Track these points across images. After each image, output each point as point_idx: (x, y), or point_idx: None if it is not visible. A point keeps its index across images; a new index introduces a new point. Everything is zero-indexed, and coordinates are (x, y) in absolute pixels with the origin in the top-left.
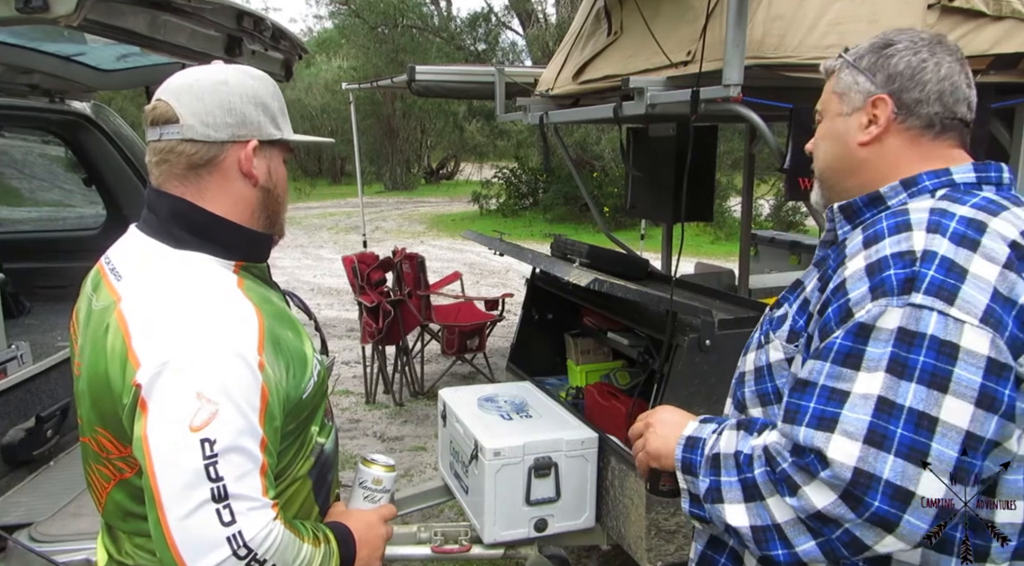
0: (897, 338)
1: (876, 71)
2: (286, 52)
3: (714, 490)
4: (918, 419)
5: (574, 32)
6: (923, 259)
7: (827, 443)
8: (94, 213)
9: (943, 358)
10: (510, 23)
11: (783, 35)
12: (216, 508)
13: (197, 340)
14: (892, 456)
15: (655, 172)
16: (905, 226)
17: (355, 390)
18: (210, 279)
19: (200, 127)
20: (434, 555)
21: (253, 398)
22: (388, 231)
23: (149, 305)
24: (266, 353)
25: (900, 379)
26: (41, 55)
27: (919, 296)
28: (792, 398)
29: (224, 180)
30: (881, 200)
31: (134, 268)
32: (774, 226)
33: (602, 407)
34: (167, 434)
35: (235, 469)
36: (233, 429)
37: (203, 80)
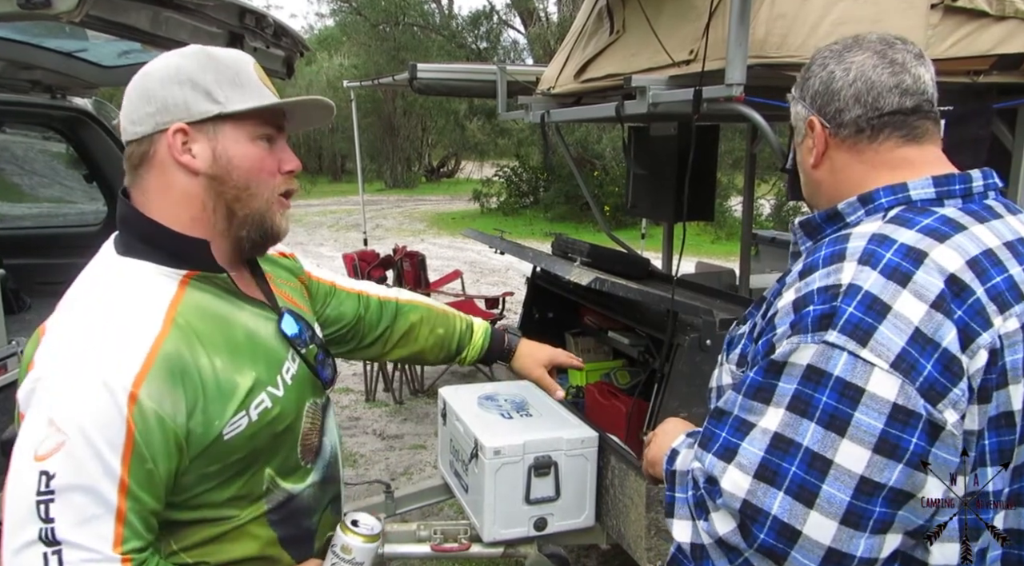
0: (804, 376)
1: (804, 96)
2: (288, 49)
3: (670, 505)
4: (812, 459)
5: (576, 31)
6: (846, 294)
7: (723, 473)
8: (94, 209)
9: (845, 401)
10: (512, 22)
11: (786, 35)
12: (44, 552)
13: (65, 362)
14: (781, 493)
15: (656, 171)
16: (839, 256)
17: (355, 388)
18: (126, 293)
19: (129, 126)
20: (433, 553)
21: (113, 435)
22: (389, 229)
23: (63, 316)
24: (149, 383)
25: (801, 417)
26: (43, 51)
27: (833, 334)
28: (709, 424)
29: (161, 176)
30: (839, 216)
31: (82, 275)
32: (775, 226)
33: (602, 406)
34: (17, 457)
35: (74, 512)
36: (78, 466)
37: (137, 75)
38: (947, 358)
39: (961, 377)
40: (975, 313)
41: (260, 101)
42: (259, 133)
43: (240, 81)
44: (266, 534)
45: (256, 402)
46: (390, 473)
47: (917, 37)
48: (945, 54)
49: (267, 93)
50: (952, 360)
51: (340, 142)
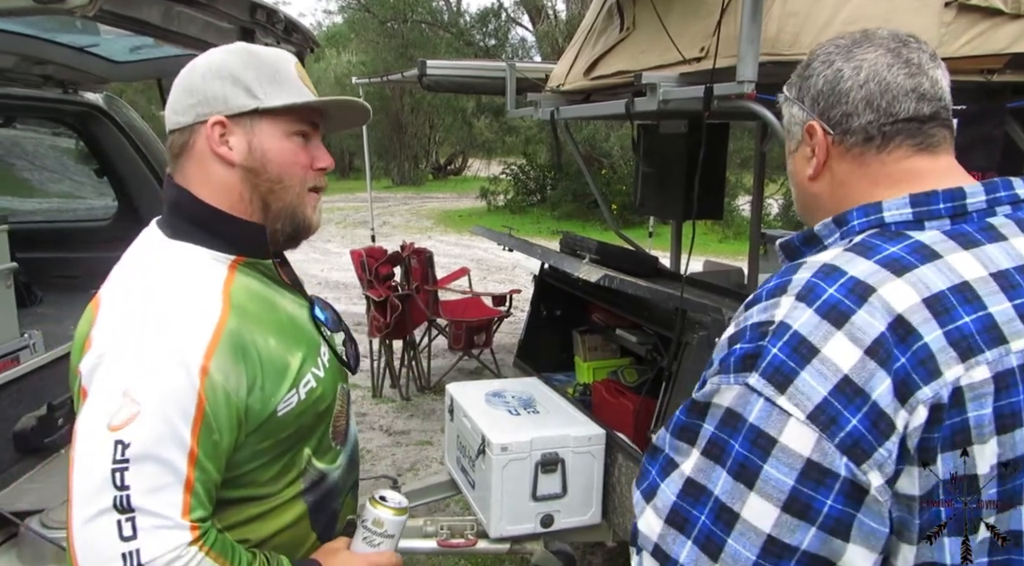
0: (722, 419)
1: (802, 97)
2: (298, 45)
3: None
4: (719, 510)
5: (586, 27)
6: (774, 333)
7: (641, 514)
8: (104, 205)
9: (756, 451)
10: (520, 19)
11: (798, 32)
12: (118, 519)
13: (138, 335)
14: (690, 542)
15: (666, 169)
16: (781, 289)
17: (362, 384)
18: (184, 272)
19: (172, 116)
20: (440, 549)
21: (186, 406)
22: (396, 226)
23: (117, 294)
24: (218, 358)
25: (715, 464)
26: (55, 46)
27: (754, 377)
28: (645, 460)
29: (201, 165)
30: (816, 239)
31: (129, 256)
32: (784, 225)
33: (609, 404)
34: (88, 427)
35: (147, 480)
36: (152, 435)
37: (184, 68)
38: (875, 413)
39: (890, 435)
40: (918, 362)
41: (296, 98)
42: (294, 129)
43: (279, 78)
44: (300, 513)
45: (304, 381)
46: (397, 469)
47: (931, 35)
48: (958, 52)
49: (305, 91)
50: (880, 415)
51: (348, 139)
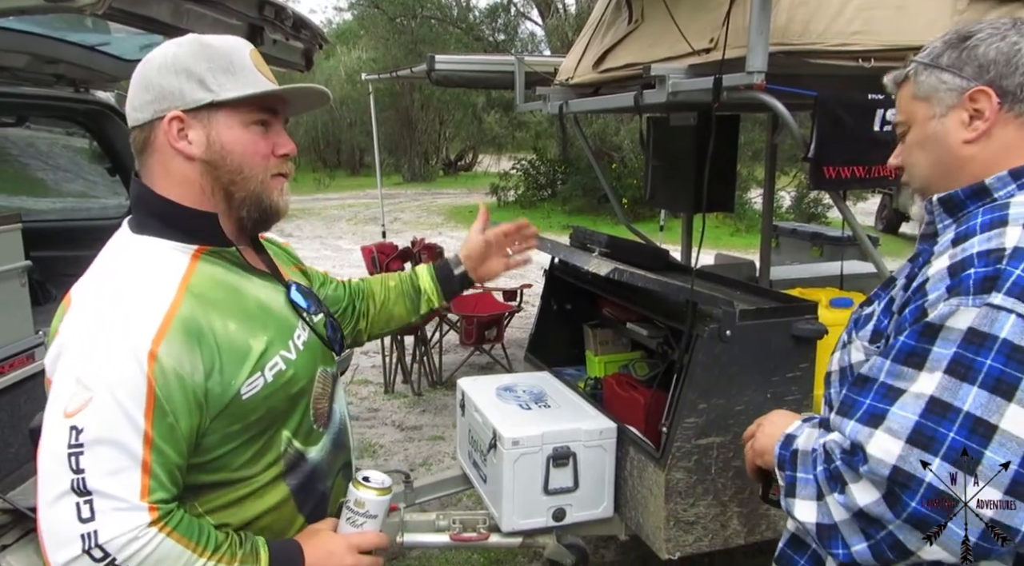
0: (965, 339)
1: (963, 65)
2: (307, 42)
3: (790, 486)
4: (974, 424)
5: (594, 20)
6: (1012, 256)
7: (869, 439)
8: (117, 204)
9: (1013, 364)
10: (529, 13)
11: (808, 21)
12: (76, 502)
13: (90, 325)
14: (939, 459)
15: (676, 162)
16: (1000, 221)
17: (374, 380)
18: (142, 265)
19: (131, 113)
20: (452, 543)
21: (136, 391)
22: (407, 222)
23: (84, 290)
24: (168, 344)
25: (961, 381)
26: (66, 45)
27: (999, 296)
28: (850, 393)
29: (162, 160)
30: (986, 192)
31: (100, 254)
32: (795, 218)
33: (621, 398)
34: (49, 416)
35: (103, 464)
36: (104, 420)
37: (139, 64)
38: None
39: None
40: None
41: (253, 89)
42: (253, 119)
43: (234, 68)
44: (283, 496)
45: (271, 364)
46: (409, 464)
47: (943, 22)
48: None
49: (261, 79)
50: None
51: (358, 136)
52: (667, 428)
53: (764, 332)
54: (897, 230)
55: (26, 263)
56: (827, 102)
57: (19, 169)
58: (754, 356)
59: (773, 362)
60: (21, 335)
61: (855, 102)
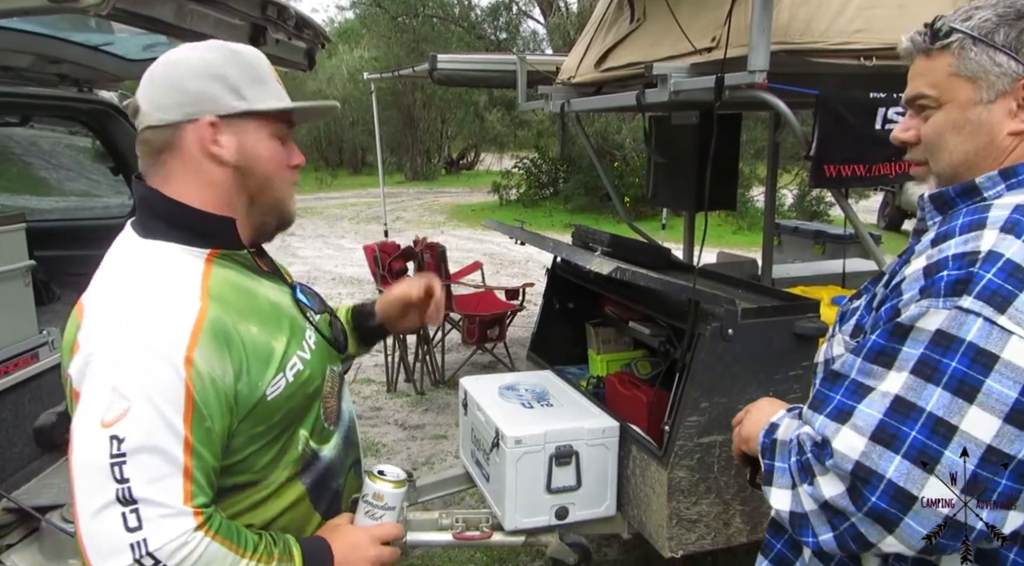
0: (932, 341)
1: (1021, 47)
2: (309, 41)
3: (768, 474)
4: (935, 424)
5: (596, 19)
6: (985, 260)
7: (835, 434)
8: (120, 203)
9: (976, 367)
10: (531, 12)
11: (810, 20)
12: (122, 511)
13: (120, 333)
14: (899, 457)
15: (678, 160)
16: (978, 224)
17: (377, 379)
18: (160, 270)
19: (154, 112)
20: (455, 542)
21: (175, 396)
22: (409, 221)
23: (98, 296)
24: (201, 348)
25: (926, 382)
26: (69, 45)
27: (968, 299)
28: (822, 388)
29: (187, 163)
30: (976, 191)
31: (107, 259)
32: (797, 216)
33: (623, 396)
34: (83, 427)
35: (146, 472)
36: (145, 428)
37: (160, 63)
38: None
39: None
40: None
41: (281, 102)
42: (277, 130)
43: (261, 79)
44: (299, 495)
45: (291, 364)
46: (412, 463)
47: None
48: None
49: (283, 93)
50: None
51: (360, 135)
52: (669, 427)
53: (766, 330)
54: (899, 227)
55: (30, 263)
56: (828, 101)
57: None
58: (756, 354)
59: (775, 360)
60: (25, 335)
61: (856, 101)
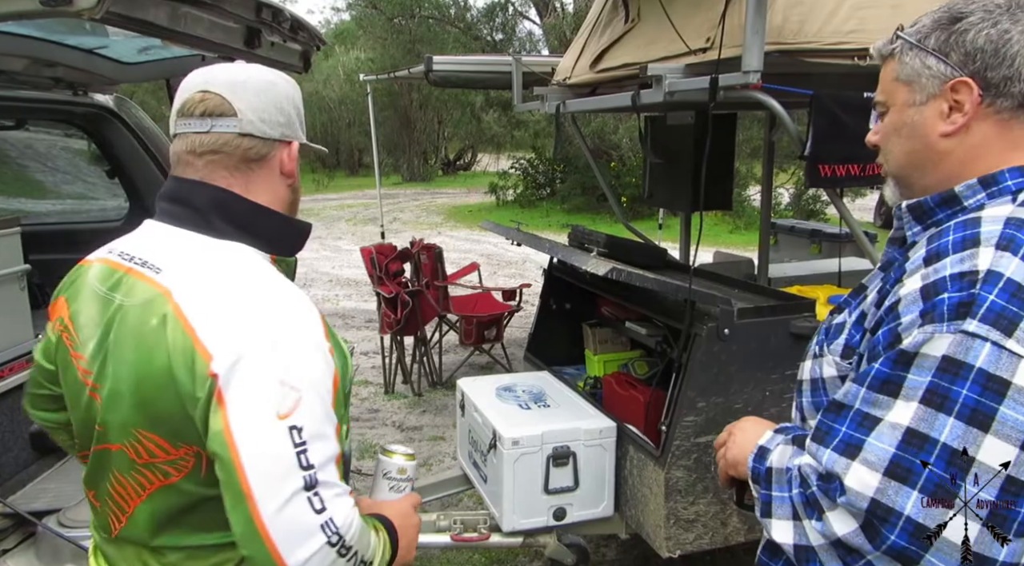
0: (939, 368)
1: (950, 50)
2: (304, 43)
3: (766, 504)
4: (951, 456)
5: (591, 20)
6: (985, 280)
7: (846, 470)
8: (116, 205)
9: (988, 394)
10: (527, 12)
11: (803, 20)
12: (307, 496)
13: (273, 328)
14: (916, 492)
15: (673, 161)
16: (972, 241)
17: (374, 380)
18: (265, 268)
19: (259, 123)
20: (453, 543)
21: (328, 384)
22: (406, 222)
23: (210, 295)
24: (330, 340)
25: (937, 412)
26: (64, 48)
27: (973, 323)
28: (825, 418)
29: (269, 177)
30: (956, 200)
31: (175, 260)
32: (794, 215)
33: (620, 396)
34: (254, 423)
35: (321, 456)
36: (316, 416)
37: (256, 78)
38: None
39: None
40: None
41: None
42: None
43: (302, 116)
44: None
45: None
46: None
47: None
48: None
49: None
50: None
51: (357, 136)
52: (666, 427)
53: (762, 330)
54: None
55: (25, 267)
56: (823, 100)
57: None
58: (752, 354)
59: (771, 360)
60: (20, 339)
61: (850, 100)
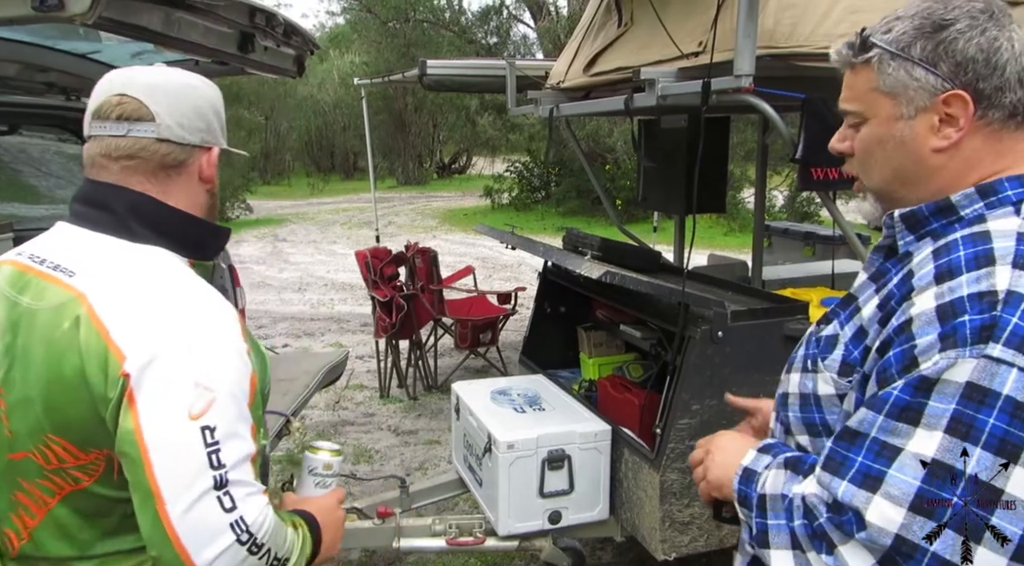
0: (964, 395)
1: (938, 60)
2: (298, 48)
3: (761, 533)
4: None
5: (585, 24)
6: (1006, 302)
7: (867, 504)
8: None
9: (1017, 423)
10: (521, 16)
11: (795, 24)
12: (217, 495)
13: (188, 329)
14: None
15: (667, 164)
16: (987, 259)
17: (369, 384)
18: (183, 272)
19: (177, 129)
20: (449, 547)
21: (244, 385)
22: (401, 226)
23: (126, 297)
24: (248, 341)
25: (963, 441)
26: (57, 53)
27: (997, 348)
28: (838, 447)
29: (188, 183)
30: (952, 209)
31: (89, 263)
32: (788, 217)
33: (615, 399)
34: (165, 423)
35: (234, 456)
36: (231, 416)
37: (175, 81)
38: None
39: None
40: None
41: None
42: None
43: (223, 121)
44: None
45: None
46: (405, 468)
47: None
48: None
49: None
50: None
51: (352, 140)
52: (661, 429)
53: (756, 333)
54: None
55: None
56: (814, 104)
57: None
58: (746, 357)
59: (765, 362)
60: None
61: None
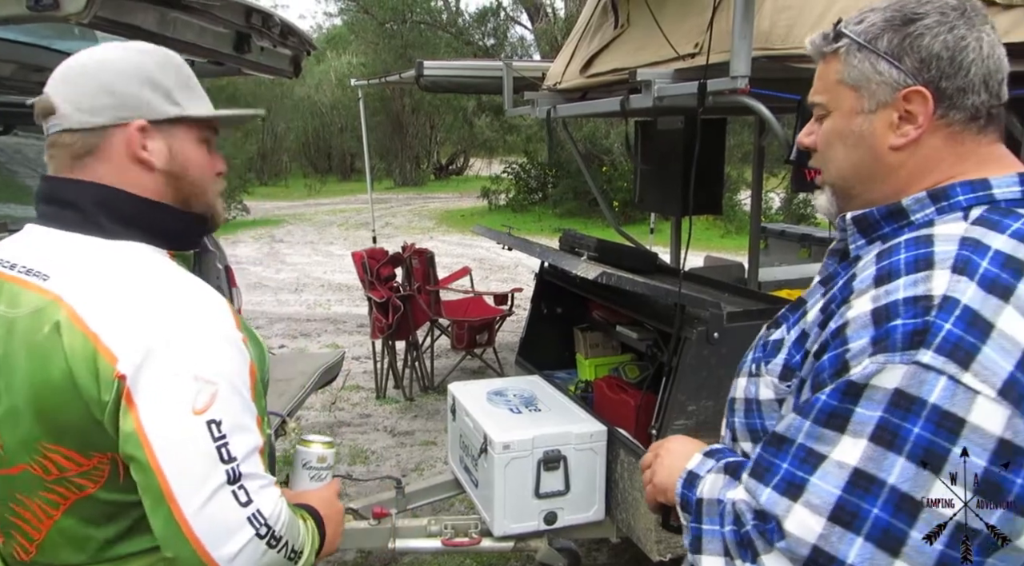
0: (892, 402)
1: (903, 55)
2: (295, 48)
3: (696, 539)
4: (899, 501)
5: (581, 25)
6: (941, 307)
7: (787, 512)
8: None
9: (942, 433)
10: (518, 17)
11: (791, 26)
12: (232, 490)
13: (181, 323)
14: (861, 539)
15: (663, 165)
16: (926, 262)
17: (365, 385)
18: (164, 264)
19: (76, 114)
20: (444, 548)
21: (244, 375)
22: (398, 227)
23: (108, 296)
24: (243, 331)
25: (887, 451)
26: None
27: (928, 354)
28: (765, 453)
29: (115, 168)
30: (903, 214)
31: (64, 265)
32: (784, 219)
33: (611, 400)
34: (169, 421)
35: (243, 448)
36: (234, 408)
37: (81, 63)
38: None
39: None
40: None
41: (210, 109)
42: (204, 136)
43: (191, 85)
44: None
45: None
46: (401, 469)
47: None
48: None
49: (208, 99)
50: None
51: (349, 141)
52: (656, 430)
53: (752, 334)
54: None
55: None
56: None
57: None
58: (742, 358)
59: None
60: None
61: None
